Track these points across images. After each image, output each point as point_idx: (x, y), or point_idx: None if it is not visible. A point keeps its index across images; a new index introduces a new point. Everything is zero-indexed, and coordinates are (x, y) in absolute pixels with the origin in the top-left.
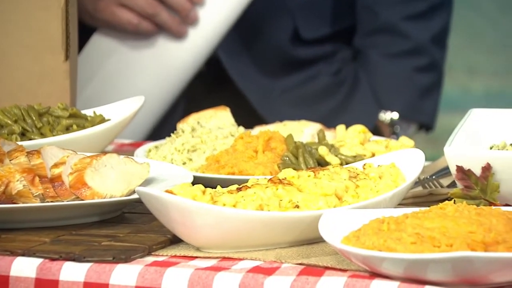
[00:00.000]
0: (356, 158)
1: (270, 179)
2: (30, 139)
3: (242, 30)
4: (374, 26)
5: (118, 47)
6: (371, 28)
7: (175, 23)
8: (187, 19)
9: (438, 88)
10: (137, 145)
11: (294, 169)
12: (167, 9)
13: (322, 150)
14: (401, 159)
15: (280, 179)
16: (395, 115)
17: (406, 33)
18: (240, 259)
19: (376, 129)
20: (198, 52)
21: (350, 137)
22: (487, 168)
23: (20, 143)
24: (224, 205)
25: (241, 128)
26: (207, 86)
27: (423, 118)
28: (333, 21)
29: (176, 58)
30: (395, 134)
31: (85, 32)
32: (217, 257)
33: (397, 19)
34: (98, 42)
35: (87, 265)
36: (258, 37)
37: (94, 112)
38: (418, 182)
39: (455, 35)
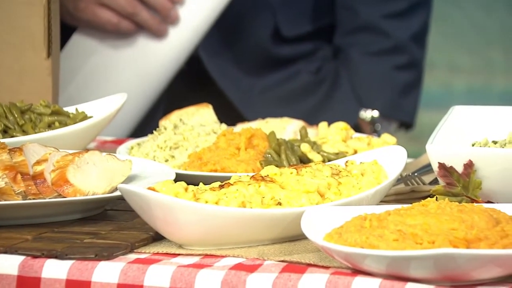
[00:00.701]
0: (338, 155)
1: (253, 176)
2: (12, 136)
3: (222, 29)
4: (355, 25)
5: (99, 46)
6: (352, 26)
7: (155, 23)
8: (167, 19)
9: (418, 86)
10: (119, 142)
11: (277, 166)
12: (148, 8)
13: (305, 147)
14: (384, 156)
15: (262, 176)
16: (375, 113)
17: (386, 32)
18: (223, 256)
19: (357, 127)
20: (179, 51)
21: (332, 134)
22: (469, 165)
23: (2, 140)
24: (207, 202)
25: (224, 125)
26: (189, 85)
27: (403, 116)
28: (314, 19)
29: (157, 57)
30: (375, 132)
31: (66, 32)
32: (199, 254)
33: (377, 18)
34: (79, 41)
35: (69, 263)
36: (239, 35)
37: (77, 109)
38: (400, 179)
39: (436, 33)
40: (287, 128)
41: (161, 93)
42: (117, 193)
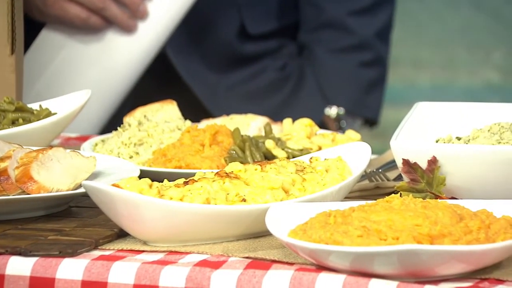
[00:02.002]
0: (302, 151)
1: (217, 172)
2: None
3: (189, 26)
4: (319, 22)
5: (68, 42)
6: (316, 23)
7: (124, 18)
8: (136, 14)
9: (383, 83)
10: (83, 139)
11: (241, 162)
12: (117, 3)
13: (269, 144)
14: (348, 153)
15: (227, 173)
16: (341, 110)
17: (351, 29)
18: (187, 253)
19: (322, 124)
20: (147, 47)
21: (297, 130)
22: (433, 161)
23: None
24: (171, 198)
25: (188, 122)
26: (155, 81)
27: (368, 113)
28: (279, 17)
29: (126, 53)
30: (341, 129)
31: (35, 27)
32: (164, 251)
33: (341, 15)
34: (48, 37)
35: (33, 260)
36: (205, 32)
37: (40, 106)
38: (364, 176)
39: (400, 29)
40: (251, 124)
41: (129, 89)
42: (82, 189)
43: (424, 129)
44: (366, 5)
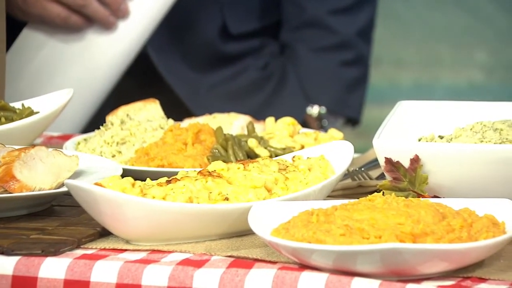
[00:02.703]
0: (285, 150)
1: (200, 171)
2: None
3: (170, 25)
4: (301, 21)
5: (49, 41)
6: (298, 22)
7: (105, 15)
8: (117, 13)
9: (364, 82)
10: (66, 137)
11: (224, 161)
12: (98, 1)
13: (252, 143)
14: (330, 151)
15: (209, 172)
16: (322, 109)
17: (332, 28)
18: (170, 252)
19: (304, 123)
20: (129, 46)
21: (280, 129)
22: (415, 160)
23: None
24: (154, 197)
25: (171, 121)
26: (137, 80)
27: (350, 112)
28: (261, 16)
29: (107, 52)
30: (322, 128)
31: (16, 27)
32: (146, 250)
33: (323, 14)
34: (29, 36)
35: (15, 259)
36: (187, 32)
37: (23, 105)
38: (347, 174)
39: (383, 28)
40: (234, 123)
41: (111, 88)
42: (64, 188)
43: (407, 128)
44: (347, 5)
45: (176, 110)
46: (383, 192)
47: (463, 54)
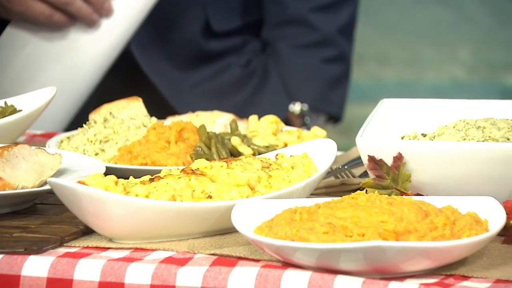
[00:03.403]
0: (268, 148)
1: (183, 169)
2: None
3: (154, 23)
4: (282, 18)
5: (32, 39)
6: (280, 19)
7: (88, 13)
8: (101, 10)
9: (346, 79)
10: (49, 136)
11: (207, 159)
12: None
13: (235, 141)
14: (314, 149)
15: (192, 170)
16: (304, 106)
17: (314, 25)
18: (153, 250)
19: (287, 121)
20: (112, 44)
21: (263, 127)
22: (398, 158)
23: None
24: (137, 195)
25: (154, 119)
26: (120, 78)
27: (331, 109)
28: (243, 14)
29: (90, 50)
30: (305, 125)
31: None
32: (129, 248)
33: (305, 11)
34: (12, 34)
35: None
36: (170, 29)
37: (5, 103)
38: (330, 172)
39: (366, 26)
40: (217, 121)
41: (94, 86)
42: (47, 186)
43: (390, 126)
44: (329, 2)
45: (159, 109)
46: (366, 190)
47: (446, 52)
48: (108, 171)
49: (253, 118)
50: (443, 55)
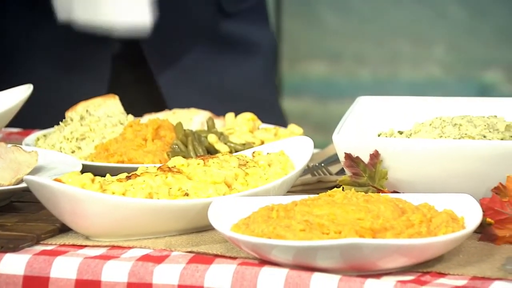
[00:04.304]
0: (245, 146)
1: (160, 167)
2: None
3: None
4: None
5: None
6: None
7: None
8: None
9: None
10: (25, 133)
11: (184, 157)
12: None
13: (212, 138)
14: (290, 147)
15: (169, 167)
16: None
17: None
18: (130, 248)
19: None
20: None
21: (239, 125)
22: (375, 155)
23: None
24: (113, 193)
25: (130, 116)
26: (131, 74)
27: None
28: None
29: None
30: None
31: None
32: (106, 246)
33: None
34: None
35: None
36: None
37: None
38: (307, 170)
39: (342, 24)
40: (194, 119)
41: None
42: (23, 184)
43: (366, 123)
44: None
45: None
46: (342, 188)
47: (422, 49)
48: (85, 169)
49: (230, 115)
50: (419, 53)
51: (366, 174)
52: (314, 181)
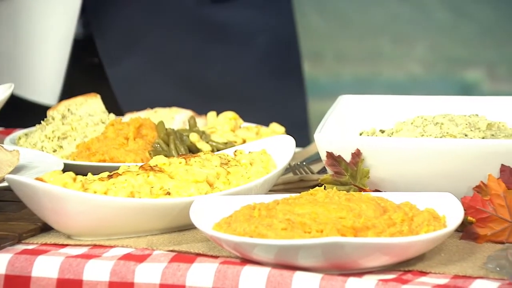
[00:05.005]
0: (227, 144)
1: (141, 166)
2: None
3: None
4: None
5: None
6: None
7: None
8: None
9: None
10: (6, 132)
11: (165, 156)
12: None
13: (193, 137)
14: (272, 146)
15: (151, 166)
16: None
17: None
18: (112, 247)
19: None
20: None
21: (221, 124)
22: (357, 154)
23: None
24: (95, 192)
25: (112, 115)
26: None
27: None
28: None
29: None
30: None
31: None
32: (88, 245)
33: None
34: None
35: None
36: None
37: None
38: (289, 168)
39: (323, 22)
40: (175, 117)
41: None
42: (5, 183)
43: (348, 122)
44: None
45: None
46: (324, 186)
47: (403, 48)
48: (66, 168)
49: (212, 114)
50: (400, 51)
51: (348, 173)
52: (296, 180)
